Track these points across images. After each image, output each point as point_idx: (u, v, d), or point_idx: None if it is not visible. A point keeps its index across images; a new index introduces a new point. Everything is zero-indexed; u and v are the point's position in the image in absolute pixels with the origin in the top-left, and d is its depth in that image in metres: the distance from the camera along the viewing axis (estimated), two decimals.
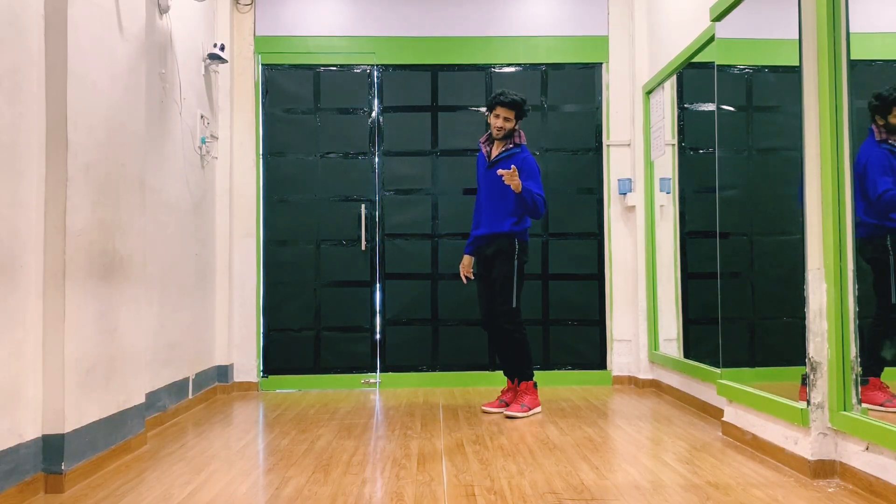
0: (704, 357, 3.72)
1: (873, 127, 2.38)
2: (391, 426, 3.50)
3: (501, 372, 4.08)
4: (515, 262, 3.76)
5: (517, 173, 3.55)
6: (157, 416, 3.49)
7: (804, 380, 2.56)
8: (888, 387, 2.36)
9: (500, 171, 3.58)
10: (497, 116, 3.76)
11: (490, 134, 3.87)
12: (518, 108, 3.75)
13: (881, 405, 2.38)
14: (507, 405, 3.78)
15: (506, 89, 3.79)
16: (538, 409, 3.76)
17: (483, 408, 3.83)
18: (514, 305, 3.72)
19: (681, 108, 4.14)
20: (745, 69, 3.18)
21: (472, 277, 4.03)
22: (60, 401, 2.49)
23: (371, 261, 4.80)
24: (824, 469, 2.49)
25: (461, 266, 4.05)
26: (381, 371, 4.76)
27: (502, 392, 3.90)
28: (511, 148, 3.79)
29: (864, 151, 2.36)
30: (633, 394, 4.40)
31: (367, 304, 4.79)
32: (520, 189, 3.58)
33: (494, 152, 3.86)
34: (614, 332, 4.78)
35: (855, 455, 2.39)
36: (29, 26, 2.45)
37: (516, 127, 3.81)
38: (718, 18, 3.21)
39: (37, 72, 2.49)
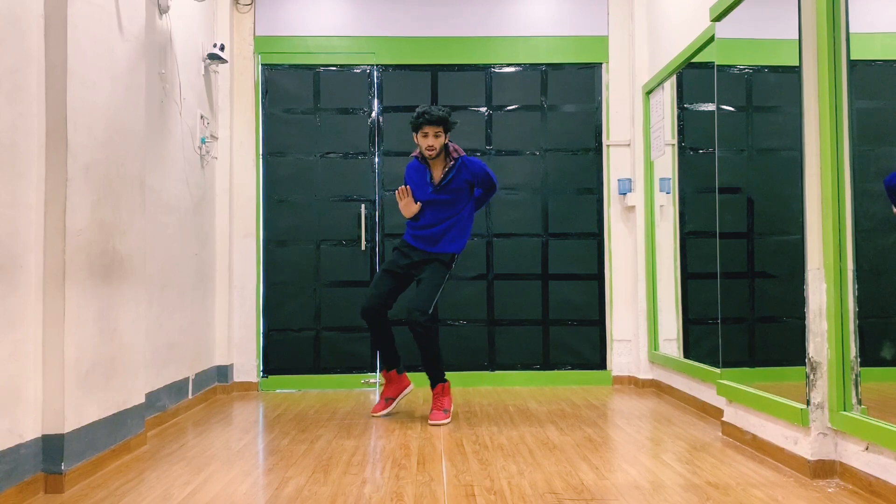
0: (704, 357, 3.72)
1: None
2: (391, 426, 3.50)
3: (389, 370, 3.87)
4: (447, 273, 3.73)
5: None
6: (157, 416, 3.49)
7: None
8: None
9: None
10: (426, 135, 3.60)
11: (423, 155, 3.70)
12: (445, 123, 3.60)
13: None
14: (391, 401, 3.79)
15: (428, 107, 3.61)
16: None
17: (372, 414, 3.76)
18: (432, 311, 3.63)
19: (681, 108, 4.14)
20: (744, 69, 3.18)
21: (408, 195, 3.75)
22: (60, 401, 2.49)
23: (371, 261, 4.80)
24: (824, 469, 2.49)
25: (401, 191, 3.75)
26: (380, 371, 4.76)
27: (386, 388, 3.83)
28: (452, 165, 3.65)
29: None
30: (633, 394, 4.40)
31: None
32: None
33: (437, 174, 3.68)
34: (614, 332, 4.78)
35: (855, 455, 2.39)
36: (29, 26, 2.45)
37: (447, 141, 3.66)
38: (718, 18, 3.22)
39: (37, 72, 2.49)
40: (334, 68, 4.86)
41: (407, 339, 4.11)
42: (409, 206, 3.72)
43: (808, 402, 2.53)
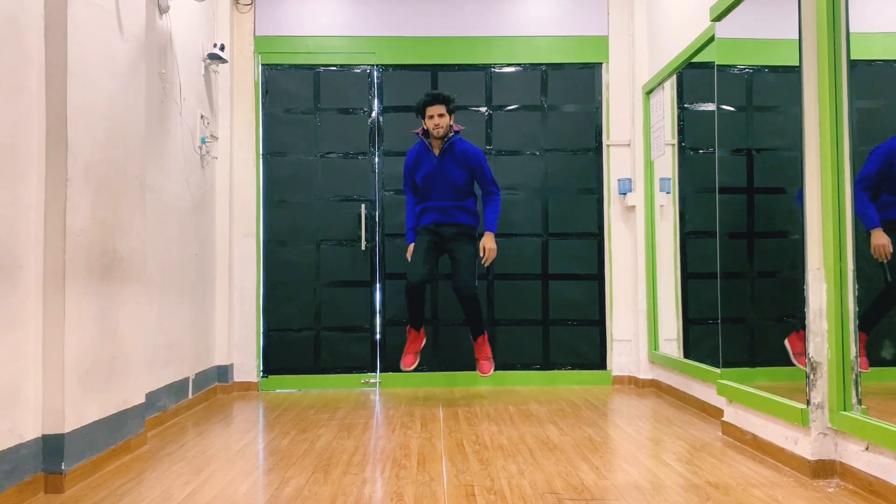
0: (704, 357, 3.72)
1: None
2: (391, 426, 3.50)
3: (418, 329, 4.20)
4: (477, 242, 4.11)
5: (493, 247, 4.05)
6: (157, 416, 3.49)
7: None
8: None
9: (484, 259, 4.05)
10: (431, 117, 3.97)
11: (427, 131, 4.06)
12: (447, 101, 3.97)
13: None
14: (419, 354, 4.18)
15: (429, 90, 4.09)
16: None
17: (404, 368, 4.14)
18: (476, 284, 4.08)
19: (681, 108, 4.14)
20: (744, 69, 3.18)
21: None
22: (60, 401, 2.49)
23: (371, 261, 4.80)
24: (824, 469, 2.49)
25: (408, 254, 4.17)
26: (380, 371, 4.76)
27: (413, 344, 4.18)
28: (451, 136, 4.03)
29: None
30: (633, 394, 4.40)
31: (367, 304, 4.79)
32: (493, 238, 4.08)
33: (437, 147, 4.06)
34: (614, 332, 4.78)
35: (855, 455, 2.39)
36: (29, 26, 2.45)
37: (452, 122, 4.03)
38: (718, 18, 3.21)
39: (37, 72, 2.49)
40: (334, 68, 4.86)
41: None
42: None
43: (808, 402, 2.53)
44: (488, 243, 4.04)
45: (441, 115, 3.95)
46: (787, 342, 2.82)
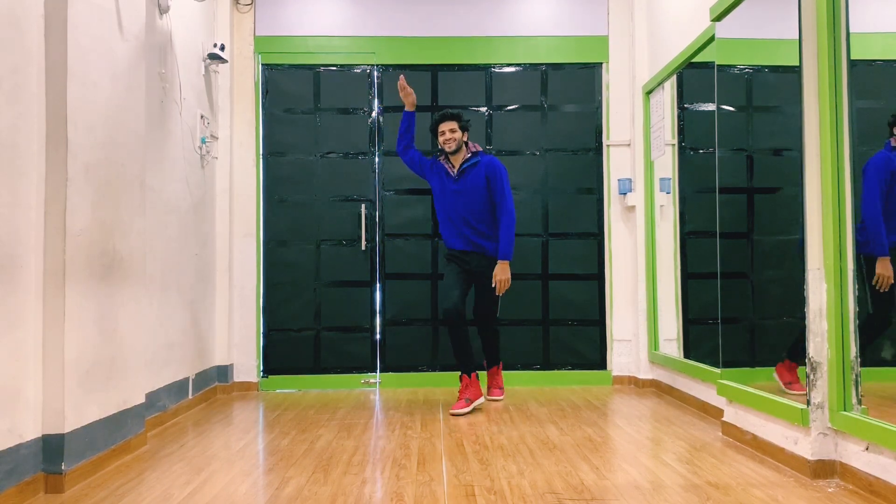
0: (704, 357, 3.72)
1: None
2: (391, 426, 3.50)
3: (470, 374, 3.95)
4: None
5: (504, 277, 3.93)
6: (157, 416, 3.49)
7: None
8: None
9: (497, 291, 3.95)
10: (443, 133, 3.99)
11: (445, 154, 4.07)
12: (457, 118, 3.99)
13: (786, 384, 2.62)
14: (470, 402, 3.85)
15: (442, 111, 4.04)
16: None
17: (452, 411, 3.77)
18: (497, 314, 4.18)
19: (681, 108, 4.14)
20: (745, 69, 3.18)
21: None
22: (60, 401, 2.49)
23: (371, 261, 4.80)
24: (824, 469, 2.49)
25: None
26: (381, 371, 4.76)
27: (462, 390, 3.91)
28: (470, 158, 4.03)
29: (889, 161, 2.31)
30: (633, 394, 4.40)
31: (367, 304, 4.79)
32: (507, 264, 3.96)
33: (456, 165, 4.04)
34: (614, 332, 4.78)
35: (855, 455, 2.39)
36: (29, 26, 2.45)
37: (465, 139, 4.04)
38: (718, 18, 3.21)
39: (37, 72, 2.49)
40: (334, 68, 4.86)
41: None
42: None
43: (808, 402, 2.53)
44: (501, 274, 3.93)
45: (453, 131, 3.96)
46: (775, 373, 2.81)
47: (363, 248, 4.79)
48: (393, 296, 4.79)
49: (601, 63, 4.88)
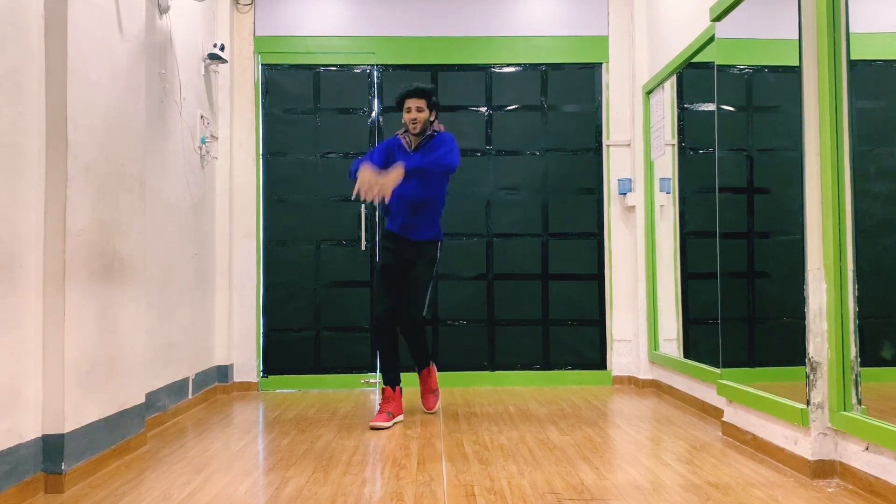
0: (704, 357, 3.72)
1: None
2: (391, 426, 3.49)
3: (394, 387, 3.67)
4: (434, 267, 3.74)
5: (378, 180, 3.23)
6: (157, 416, 3.49)
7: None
8: None
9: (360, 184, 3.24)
10: (409, 110, 3.62)
11: (407, 131, 3.70)
12: (427, 95, 3.63)
13: None
14: (392, 416, 3.53)
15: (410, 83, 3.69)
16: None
17: (371, 424, 3.45)
18: (424, 314, 3.65)
19: (681, 108, 4.14)
20: (745, 69, 3.18)
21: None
22: (60, 401, 2.49)
23: (371, 261, 4.80)
24: (824, 469, 2.49)
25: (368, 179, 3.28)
26: (380, 371, 4.75)
27: (384, 402, 3.59)
28: (430, 135, 3.67)
29: None
30: (633, 394, 4.40)
31: (367, 304, 4.78)
32: (401, 176, 3.29)
33: (414, 143, 3.70)
34: (614, 332, 4.78)
35: (855, 455, 2.39)
36: (29, 26, 2.45)
37: (432, 119, 3.69)
38: (718, 18, 3.21)
39: (37, 72, 2.49)
40: (334, 68, 4.86)
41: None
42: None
43: (808, 402, 2.53)
44: (380, 176, 3.25)
45: (420, 110, 3.61)
46: None
47: (363, 248, 4.79)
48: None
49: (601, 63, 4.88)
